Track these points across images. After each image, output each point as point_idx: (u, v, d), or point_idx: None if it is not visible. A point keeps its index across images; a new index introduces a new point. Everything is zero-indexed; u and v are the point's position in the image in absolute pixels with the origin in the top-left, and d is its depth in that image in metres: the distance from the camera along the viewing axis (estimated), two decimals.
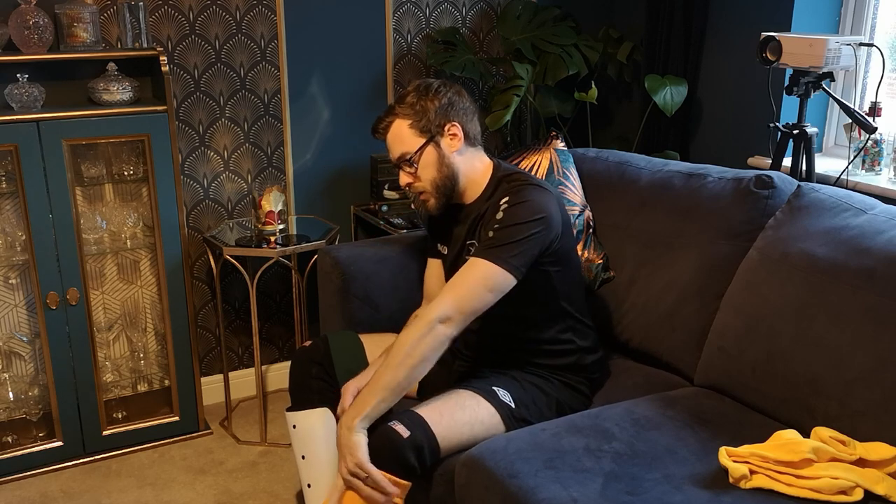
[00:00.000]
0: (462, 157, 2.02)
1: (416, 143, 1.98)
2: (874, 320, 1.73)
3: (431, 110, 1.98)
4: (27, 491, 2.59)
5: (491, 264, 1.84)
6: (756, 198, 2.10)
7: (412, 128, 1.98)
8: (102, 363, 2.86)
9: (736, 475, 1.61)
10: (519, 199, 1.90)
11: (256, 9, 2.87)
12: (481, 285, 1.84)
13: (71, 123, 2.48)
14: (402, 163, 2.01)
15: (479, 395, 1.91)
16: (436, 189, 2.01)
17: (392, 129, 2.01)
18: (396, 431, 1.76)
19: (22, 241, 2.63)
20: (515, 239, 1.86)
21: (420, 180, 2.01)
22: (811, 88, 2.46)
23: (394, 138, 2.01)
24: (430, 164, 1.99)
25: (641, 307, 2.24)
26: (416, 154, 1.98)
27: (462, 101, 2.03)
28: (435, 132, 1.98)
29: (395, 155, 2.02)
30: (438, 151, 1.99)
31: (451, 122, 1.99)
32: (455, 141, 2.00)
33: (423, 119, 1.98)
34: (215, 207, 3.00)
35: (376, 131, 2.04)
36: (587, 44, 3.16)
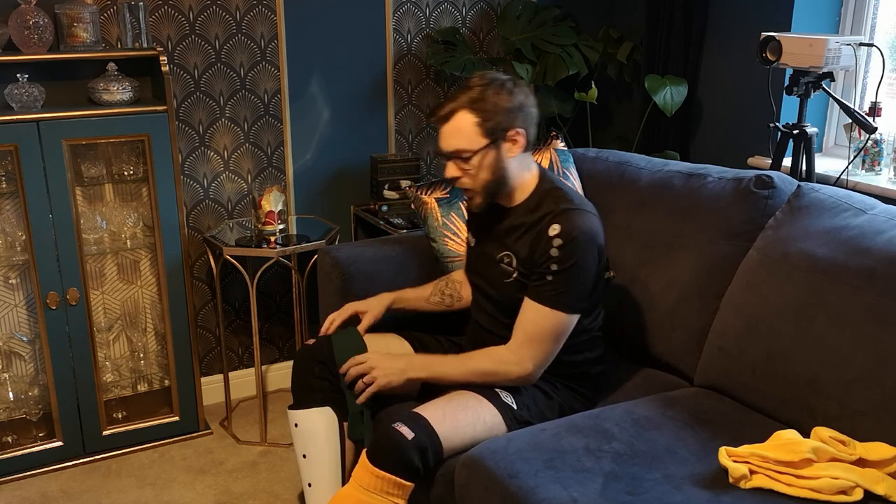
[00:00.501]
0: (515, 162, 1.95)
1: (477, 142, 1.89)
2: (874, 320, 1.73)
3: (501, 112, 1.89)
4: (27, 491, 2.59)
5: (561, 314, 1.89)
6: (756, 198, 2.10)
7: (478, 126, 1.88)
8: (102, 363, 2.86)
9: (736, 475, 1.61)
10: (572, 234, 1.86)
11: (256, 9, 2.87)
12: (556, 334, 1.91)
13: (71, 123, 2.48)
14: (455, 158, 1.93)
15: (481, 396, 1.91)
16: (484, 190, 1.95)
17: (454, 120, 1.90)
18: (401, 433, 1.75)
19: (22, 241, 2.63)
20: (578, 280, 1.88)
21: (470, 179, 1.94)
22: (811, 88, 2.46)
23: (454, 131, 1.91)
24: (485, 166, 1.91)
25: (641, 307, 2.24)
26: (474, 154, 1.91)
27: (530, 105, 1.95)
28: (498, 136, 1.90)
29: (449, 147, 1.92)
30: (497, 155, 1.91)
31: (517, 128, 1.91)
32: (515, 147, 1.92)
33: (491, 120, 1.88)
34: (215, 207, 3.00)
35: (436, 116, 1.93)
36: (587, 44, 3.16)
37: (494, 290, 2.02)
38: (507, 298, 1.98)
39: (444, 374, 1.97)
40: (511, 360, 1.91)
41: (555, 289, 1.87)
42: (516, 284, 1.95)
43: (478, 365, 1.95)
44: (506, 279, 1.97)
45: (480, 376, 1.93)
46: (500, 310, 2.01)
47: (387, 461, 1.75)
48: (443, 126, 1.93)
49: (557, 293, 1.87)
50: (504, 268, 1.98)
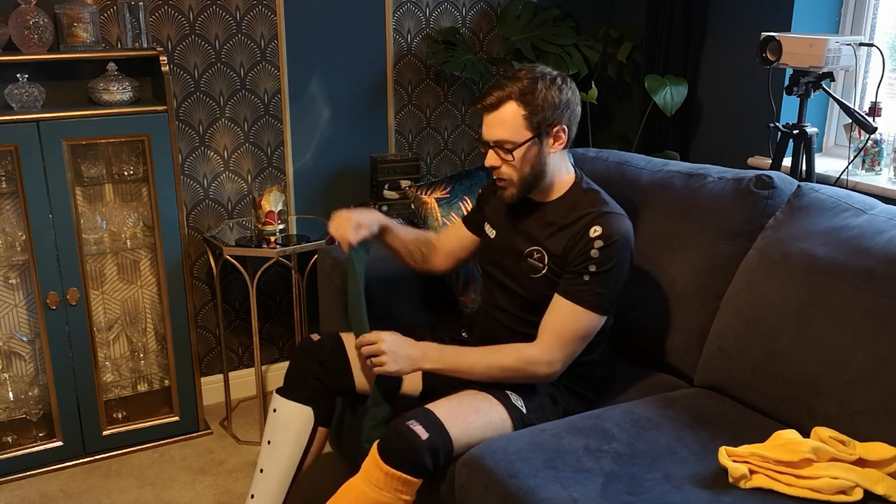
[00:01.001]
0: (555, 159, 1.95)
1: (521, 135, 1.88)
2: (874, 320, 1.73)
3: (549, 106, 1.88)
4: (27, 491, 2.59)
5: (592, 314, 1.89)
6: (756, 198, 2.10)
7: (525, 119, 1.87)
8: (102, 363, 2.86)
9: (736, 475, 1.61)
10: (611, 237, 1.87)
11: (256, 9, 2.87)
12: (584, 332, 1.91)
13: (71, 123, 2.48)
14: (497, 147, 1.91)
15: (493, 398, 1.90)
16: (521, 182, 1.94)
17: (502, 110, 1.88)
18: (415, 433, 1.74)
19: (22, 241, 2.63)
20: (613, 282, 1.89)
21: (509, 170, 1.93)
22: (811, 88, 2.46)
23: (499, 120, 1.89)
24: (526, 159, 1.91)
25: (641, 307, 2.24)
26: (517, 147, 1.89)
27: (576, 103, 1.95)
28: (543, 131, 1.89)
29: (492, 136, 1.90)
30: (539, 150, 1.91)
31: (562, 124, 1.91)
32: (558, 144, 1.93)
33: (539, 114, 1.87)
34: (215, 207, 3.00)
35: (483, 103, 1.91)
36: (587, 44, 3.16)
37: (518, 286, 2.01)
38: (533, 294, 1.97)
39: (462, 368, 1.90)
40: (542, 359, 1.88)
41: (591, 289, 1.87)
42: (545, 280, 1.95)
43: (504, 361, 1.90)
44: (534, 274, 1.96)
45: (504, 372, 1.90)
46: (522, 305, 2.00)
47: (400, 460, 1.75)
48: (488, 114, 1.91)
49: (594, 294, 1.87)
50: (533, 263, 1.96)
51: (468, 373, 1.90)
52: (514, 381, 1.92)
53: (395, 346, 1.87)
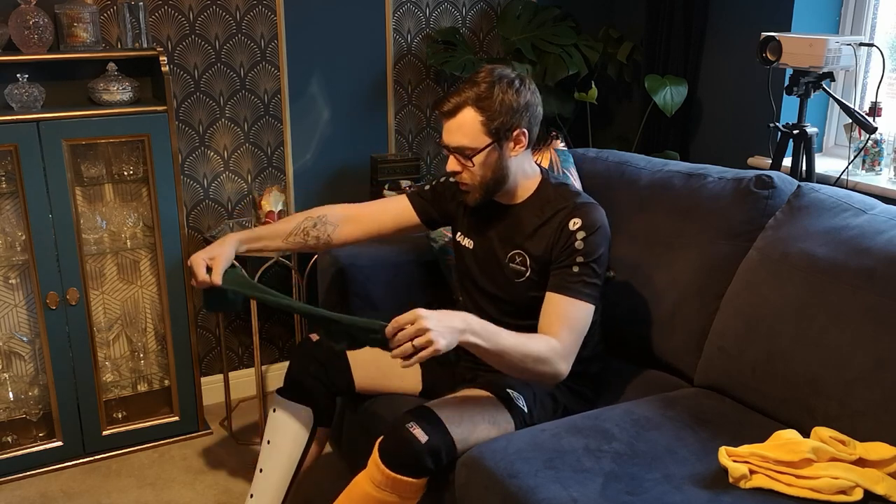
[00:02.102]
0: (517, 161, 1.94)
1: (480, 141, 1.86)
2: (874, 320, 1.73)
3: (507, 111, 1.85)
4: (27, 491, 2.59)
5: (589, 305, 1.87)
6: (756, 198, 2.10)
7: (483, 125, 1.85)
8: (102, 363, 2.86)
9: (736, 475, 1.61)
10: (592, 227, 1.88)
11: (256, 9, 2.87)
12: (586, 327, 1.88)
13: (71, 123, 2.48)
14: (457, 153, 1.90)
15: (495, 397, 1.90)
16: (482, 187, 1.93)
17: (459, 116, 1.86)
18: (415, 436, 1.74)
19: (22, 241, 2.63)
20: (599, 272, 1.89)
21: (470, 175, 1.92)
22: (811, 88, 2.46)
23: (457, 127, 1.87)
24: (486, 164, 1.89)
25: (641, 307, 2.24)
26: (477, 153, 1.87)
27: (536, 104, 1.93)
28: (503, 136, 1.87)
29: (452, 142, 1.89)
30: (499, 154, 1.89)
31: (522, 128, 1.89)
32: (518, 147, 1.91)
33: (496, 119, 1.85)
34: (215, 207, 3.00)
35: (441, 110, 1.90)
36: (587, 44, 3.16)
37: (503, 292, 2.00)
38: (519, 298, 1.97)
39: (498, 347, 1.74)
40: (563, 355, 1.82)
41: (583, 280, 1.86)
42: (529, 283, 1.94)
43: (536, 348, 1.79)
44: (517, 279, 1.96)
45: (534, 361, 1.78)
46: (509, 311, 1.99)
47: (398, 463, 1.74)
48: (447, 120, 1.89)
49: (587, 284, 1.87)
50: (516, 267, 1.96)
51: (503, 353, 1.75)
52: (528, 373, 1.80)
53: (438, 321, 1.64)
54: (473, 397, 1.89)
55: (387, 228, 2.17)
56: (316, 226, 2.14)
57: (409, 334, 1.61)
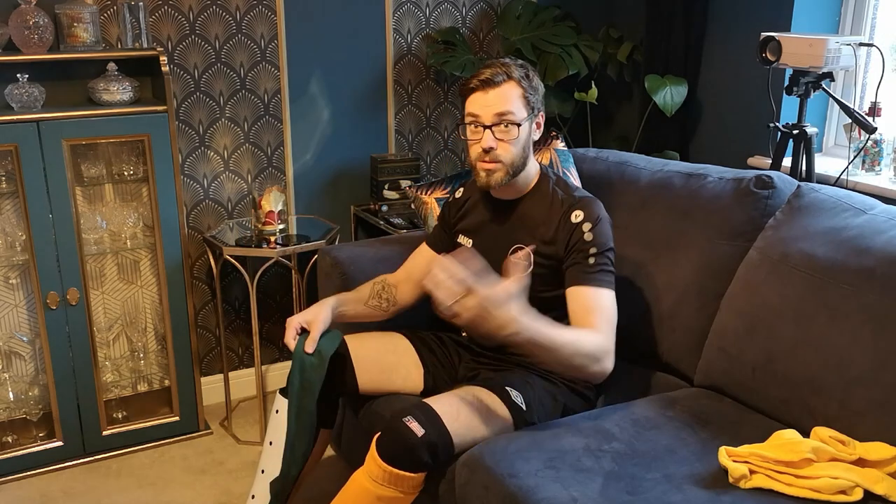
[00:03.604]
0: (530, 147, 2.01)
1: (521, 113, 1.94)
2: (874, 320, 1.73)
3: (538, 91, 1.98)
4: (27, 491, 2.59)
5: (612, 292, 1.92)
6: (756, 198, 2.10)
7: (523, 97, 1.93)
8: (102, 363, 2.86)
9: (736, 475, 1.61)
10: (595, 218, 1.94)
11: (256, 9, 2.87)
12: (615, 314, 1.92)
13: (71, 123, 2.48)
14: (500, 122, 1.91)
15: (493, 395, 1.90)
16: (511, 164, 1.96)
17: (505, 86, 1.92)
18: (411, 430, 1.74)
19: (22, 241, 2.63)
20: (612, 259, 1.95)
21: (505, 150, 1.93)
22: (811, 88, 2.46)
23: (501, 96, 1.91)
24: (520, 140, 1.95)
25: (641, 307, 2.24)
26: (519, 123, 1.92)
27: None
28: (534, 114, 1.97)
29: (496, 110, 1.90)
30: (529, 132, 1.97)
31: (543, 111, 2.01)
32: (538, 130, 2.00)
33: (533, 95, 1.95)
34: (215, 207, 3.00)
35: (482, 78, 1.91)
36: (587, 44, 3.16)
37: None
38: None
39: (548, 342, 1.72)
40: (609, 349, 1.85)
41: (601, 269, 1.91)
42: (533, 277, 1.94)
43: (586, 345, 1.80)
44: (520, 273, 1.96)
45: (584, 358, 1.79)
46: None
47: (396, 457, 1.75)
48: (487, 91, 1.91)
49: (605, 272, 1.92)
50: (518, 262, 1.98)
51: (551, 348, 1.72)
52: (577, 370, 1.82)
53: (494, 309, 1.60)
54: (472, 394, 1.89)
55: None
56: (385, 289, 2.19)
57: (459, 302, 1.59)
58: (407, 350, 2.14)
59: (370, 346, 2.11)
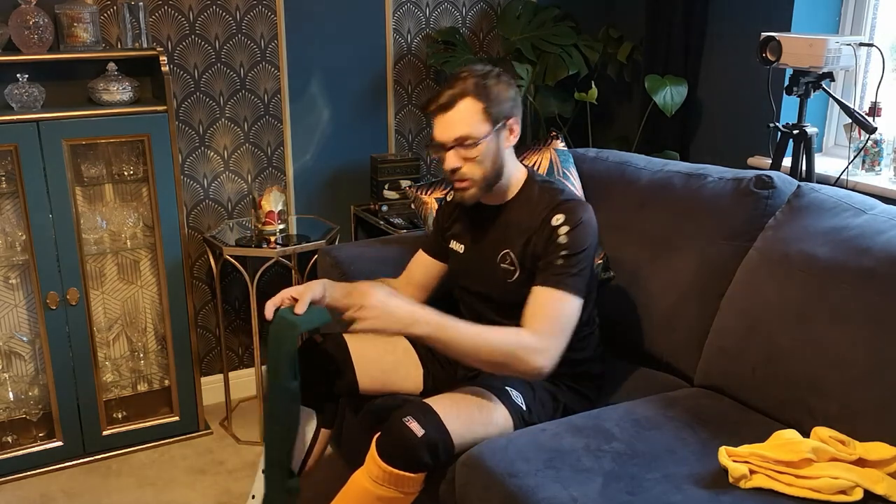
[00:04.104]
0: (509, 154, 1.96)
1: (482, 129, 1.86)
2: (874, 320, 1.73)
3: (504, 99, 1.89)
4: (27, 491, 2.59)
5: (573, 297, 1.84)
6: (756, 198, 2.10)
7: (483, 112, 1.86)
8: (102, 363, 2.86)
9: (736, 475, 1.61)
10: (576, 221, 1.88)
11: (256, 9, 2.87)
12: (571, 320, 1.85)
13: (71, 123, 2.48)
14: (459, 145, 1.88)
15: (493, 395, 1.90)
16: (483, 180, 1.93)
17: (459, 105, 1.86)
18: (411, 430, 1.74)
19: (22, 241, 2.63)
20: (584, 265, 1.87)
21: (471, 169, 1.91)
22: (811, 88, 2.46)
23: (459, 117, 1.86)
24: (487, 155, 1.89)
25: (641, 307, 2.24)
26: (480, 141, 1.87)
27: (520, 98, 1.97)
28: (501, 124, 1.90)
29: (453, 135, 1.87)
30: (497, 144, 1.90)
31: (515, 116, 1.93)
32: (512, 137, 1.93)
33: (497, 106, 1.87)
34: (215, 207, 3.00)
35: (437, 103, 1.88)
36: (587, 44, 3.16)
37: (495, 293, 2.01)
38: (512, 297, 1.96)
39: (453, 340, 1.77)
40: (537, 347, 1.79)
41: (567, 272, 1.85)
42: (519, 282, 1.94)
43: (499, 341, 1.79)
44: (508, 279, 1.96)
45: (497, 355, 1.78)
46: (504, 312, 1.98)
47: (395, 457, 1.74)
48: (443, 114, 1.88)
49: (570, 276, 1.85)
50: (506, 267, 1.97)
51: (459, 346, 1.77)
52: (501, 367, 1.80)
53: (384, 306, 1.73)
54: (471, 394, 1.89)
55: (429, 286, 2.20)
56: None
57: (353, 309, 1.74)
58: (407, 350, 2.14)
59: (370, 347, 2.11)
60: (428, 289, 2.21)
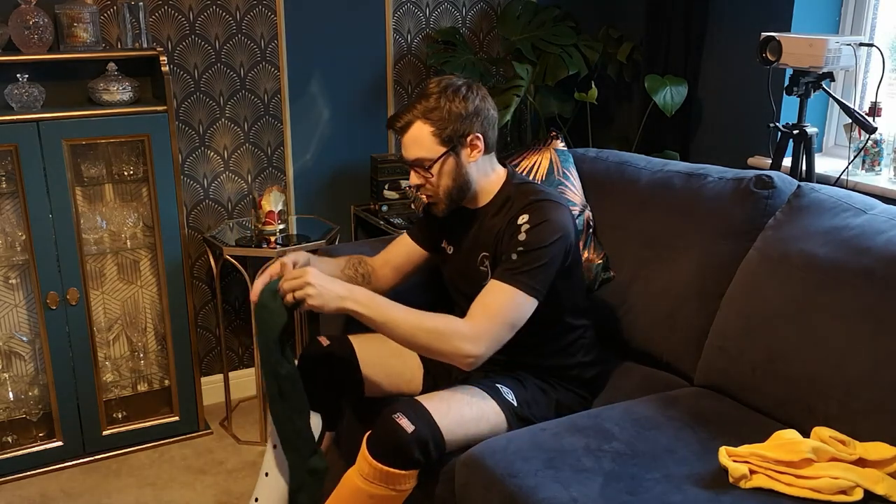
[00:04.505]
0: (477, 166, 1.96)
1: (435, 151, 1.91)
2: (874, 320, 1.73)
3: (456, 118, 1.89)
4: (27, 491, 2.59)
5: (520, 293, 1.82)
6: (756, 198, 2.10)
7: (434, 135, 1.89)
8: (102, 363, 2.86)
9: (736, 475, 1.61)
10: (539, 220, 1.86)
11: (256, 9, 2.87)
12: (513, 315, 1.83)
13: (71, 123, 2.48)
14: (417, 166, 1.94)
15: (484, 392, 1.91)
16: (447, 196, 1.96)
17: (411, 131, 1.92)
18: (401, 426, 1.74)
19: (22, 241, 2.63)
20: (540, 263, 1.84)
21: (432, 186, 1.95)
22: (811, 88, 2.46)
23: (411, 140, 1.92)
24: (445, 173, 1.93)
25: (641, 307, 2.24)
26: (434, 163, 1.92)
27: (487, 108, 1.95)
28: (457, 143, 1.91)
29: (410, 157, 1.94)
30: (457, 161, 1.92)
31: (475, 133, 1.92)
32: (475, 152, 1.93)
33: (447, 128, 1.89)
34: (215, 207, 3.00)
35: (393, 128, 1.96)
36: (587, 44, 3.16)
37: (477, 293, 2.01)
38: None
39: (386, 318, 1.79)
40: (467, 334, 1.79)
41: (517, 268, 1.84)
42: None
43: (431, 322, 1.80)
44: (484, 281, 1.95)
45: (429, 335, 1.79)
46: None
47: (386, 454, 1.75)
48: (401, 136, 1.95)
49: (519, 272, 1.83)
50: (484, 270, 1.98)
51: (392, 324, 1.80)
52: (433, 351, 1.81)
53: (322, 282, 1.78)
54: (462, 391, 1.90)
55: (403, 270, 2.21)
56: (361, 264, 2.20)
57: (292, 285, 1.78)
58: (412, 356, 2.14)
59: (376, 350, 2.11)
60: (402, 272, 2.21)
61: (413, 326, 1.80)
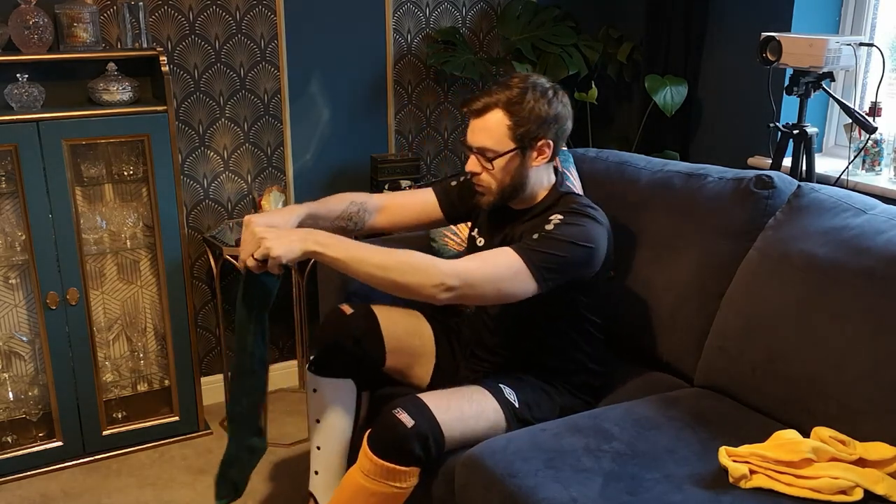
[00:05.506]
0: (537, 171, 1.93)
1: (504, 145, 1.86)
2: (874, 320, 1.73)
3: (535, 119, 1.84)
4: (27, 491, 2.59)
5: (525, 267, 1.76)
6: (756, 198, 2.10)
7: (509, 129, 1.85)
8: (102, 363, 2.86)
9: (736, 475, 1.61)
10: (573, 221, 1.84)
11: (256, 9, 2.87)
12: (506, 280, 1.76)
13: (71, 123, 2.48)
14: (479, 154, 1.89)
15: (485, 390, 1.91)
16: (499, 192, 1.92)
17: (487, 116, 1.86)
18: (401, 421, 1.74)
19: (22, 241, 2.63)
20: (557, 252, 1.80)
21: (488, 178, 1.91)
22: (811, 88, 2.46)
23: (483, 127, 1.86)
24: (506, 169, 1.88)
25: (642, 307, 2.24)
26: (499, 156, 1.87)
27: (566, 118, 1.92)
28: (527, 143, 1.86)
29: (475, 142, 1.88)
30: (520, 161, 1.88)
31: (548, 139, 1.88)
32: (541, 158, 1.90)
33: (523, 126, 1.84)
34: (215, 207, 3.00)
35: (470, 108, 1.89)
36: (587, 44, 3.16)
37: None
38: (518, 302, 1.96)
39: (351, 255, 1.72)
40: (445, 269, 1.72)
41: (531, 246, 1.80)
42: None
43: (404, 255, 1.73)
44: None
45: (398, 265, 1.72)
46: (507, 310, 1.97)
47: (386, 449, 1.75)
48: (474, 119, 1.89)
49: (532, 249, 1.79)
50: None
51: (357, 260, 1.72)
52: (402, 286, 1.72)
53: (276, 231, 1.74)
54: (464, 390, 1.91)
55: (409, 221, 2.17)
56: (359, 212, 2.11)
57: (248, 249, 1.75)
58: (429, 340, 2.15)
59: (400, 325, 2.11)
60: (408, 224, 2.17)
61: (382, 260, 1.72)
